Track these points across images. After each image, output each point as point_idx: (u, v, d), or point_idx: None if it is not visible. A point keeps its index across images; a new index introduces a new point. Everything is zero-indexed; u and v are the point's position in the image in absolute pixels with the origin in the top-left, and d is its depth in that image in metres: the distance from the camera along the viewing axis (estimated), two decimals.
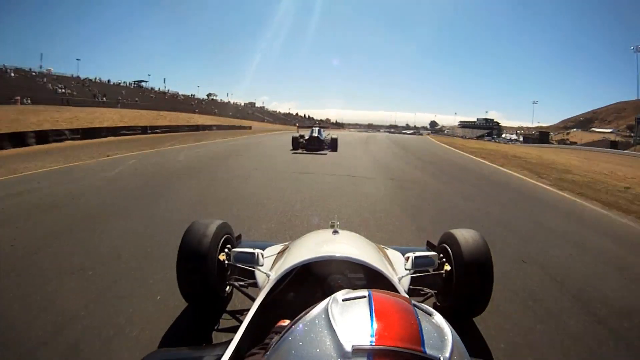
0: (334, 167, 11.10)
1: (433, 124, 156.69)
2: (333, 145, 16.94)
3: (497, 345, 2.29)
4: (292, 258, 1.63)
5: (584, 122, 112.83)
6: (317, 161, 12.60)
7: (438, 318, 0.60)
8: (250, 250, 1.81)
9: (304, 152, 15.59)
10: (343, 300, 0.62)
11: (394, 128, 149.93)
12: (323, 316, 0.59)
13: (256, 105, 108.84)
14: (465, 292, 2.11)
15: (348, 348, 0.51)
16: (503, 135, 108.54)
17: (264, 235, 4.27)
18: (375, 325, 0.55)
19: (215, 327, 2.30)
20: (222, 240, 2.29)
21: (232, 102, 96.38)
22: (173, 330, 2.31)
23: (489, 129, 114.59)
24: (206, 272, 2.11)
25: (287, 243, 2.21)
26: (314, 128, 17.88)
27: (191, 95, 79.30)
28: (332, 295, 0.64)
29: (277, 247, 2.25)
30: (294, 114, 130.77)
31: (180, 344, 2.17)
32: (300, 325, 0.61)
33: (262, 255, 1.82)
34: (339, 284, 1.55)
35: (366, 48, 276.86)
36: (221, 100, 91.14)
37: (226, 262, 2.20)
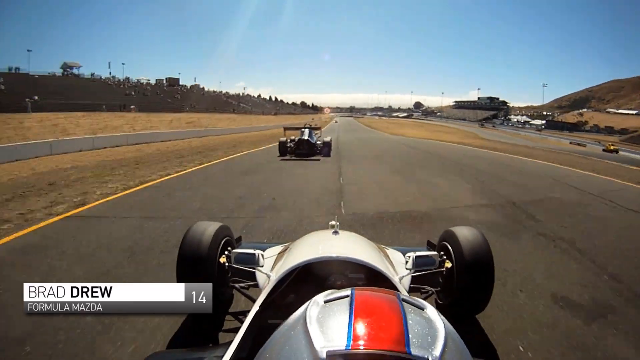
0: None
1: (418, 105, 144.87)
2: (326, 149, 14.10)
3: None
4: (293, 258, 1.64)
5: (580, 101, 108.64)
6: None
7: (430, 312, 0.57)
8: (251, 251, 1.81)
9: (293, 157, 13.38)
10: (325, 302, 0.60)
11: (380, 111, 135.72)
12: (301, 321, 0.57)
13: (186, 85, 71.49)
14: (466, 290, 2.12)
15: (322, 354, 0.50)
16: (509, 117, 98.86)
17: None
18: (354, 327, 0.52)
19: (218, 329, 2.33)
20: (222, 243, 2.28)
21: (135, 79, 57.82)
22: (176, 334, 2.32)
23: (495, 109, 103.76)
24: (206, 275, 2.11)
25: (287, 244, 2.23)
26: (303, 130, 14.73)
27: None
28: (314, 297, 0.62)
29: (278, 248, 2.26)
30: (256, 95, 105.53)
31: (182, 346, 2.19)
32: (280, 331, 0.59)
33: (263, 256, 1.83)
34: (340, 284, 1.53)
35: (341, 30, 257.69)
36: (101, 77, 52.88)
37: (226, 264, 2.18)
